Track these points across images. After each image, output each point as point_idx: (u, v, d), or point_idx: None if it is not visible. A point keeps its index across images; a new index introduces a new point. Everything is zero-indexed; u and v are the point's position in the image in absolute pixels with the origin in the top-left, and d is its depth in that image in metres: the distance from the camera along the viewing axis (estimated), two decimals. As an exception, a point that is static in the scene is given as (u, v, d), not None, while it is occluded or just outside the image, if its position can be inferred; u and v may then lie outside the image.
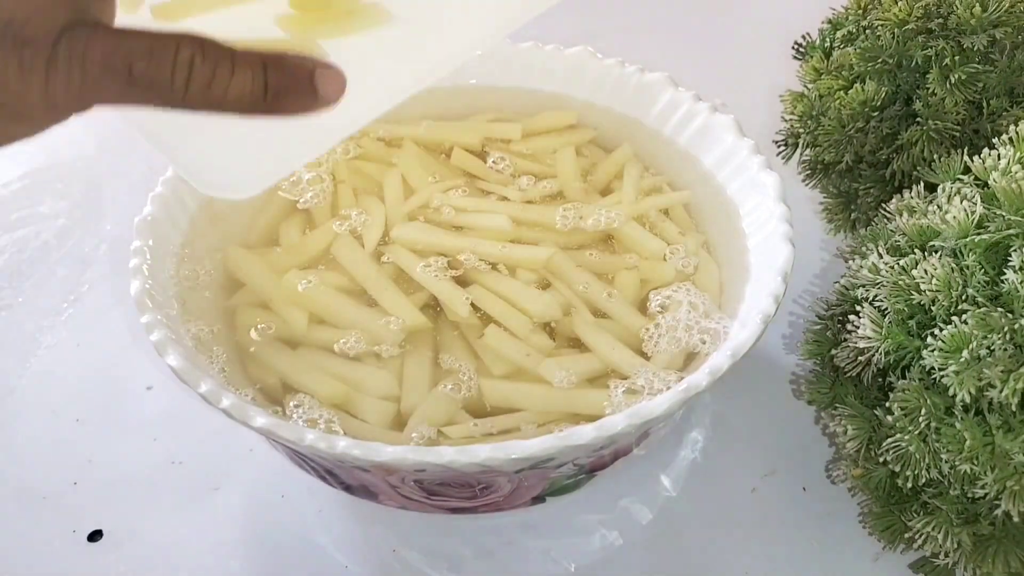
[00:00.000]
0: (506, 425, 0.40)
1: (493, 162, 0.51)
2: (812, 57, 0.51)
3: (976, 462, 0.34)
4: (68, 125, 0.27)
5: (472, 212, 0.48)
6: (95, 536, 0.44)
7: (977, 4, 0.44)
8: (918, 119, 0.46)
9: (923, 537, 0.37)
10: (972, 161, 0.39)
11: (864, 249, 0.41)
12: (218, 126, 0.29)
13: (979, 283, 0.35)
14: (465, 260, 0.45)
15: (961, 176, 0.39)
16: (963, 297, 0.35)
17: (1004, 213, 0.35)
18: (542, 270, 0.45)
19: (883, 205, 0.42)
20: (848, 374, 0.40)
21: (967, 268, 0.36)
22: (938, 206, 0.38)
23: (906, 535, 0.38)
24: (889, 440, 0.36)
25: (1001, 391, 0.32)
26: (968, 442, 0.33)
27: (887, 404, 0.37)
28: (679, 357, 0.42)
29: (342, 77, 0.27)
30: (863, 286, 0.39)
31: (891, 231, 0.41)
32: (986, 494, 0.34)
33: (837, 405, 0.40)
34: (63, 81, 0.24)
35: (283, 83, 0.27)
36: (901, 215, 0.40)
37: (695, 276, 0.46)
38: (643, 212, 0.48)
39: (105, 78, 0.24)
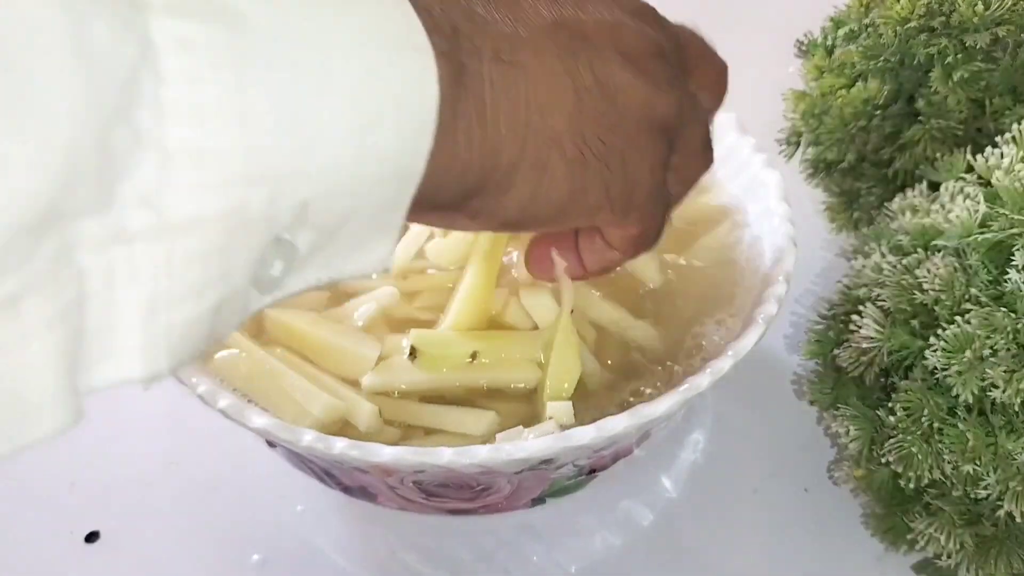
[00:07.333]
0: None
1: None
2: (814, 55, 0.51)
3: (979, 463, 0.33)
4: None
5: None
6: (92, 537, 0.44)
7: (980, 2, 0.44)
8: (920, 117, 0.46)
9: (926, 538, 0.37)
10: (975, 160, 0.38)
11: (867, 248, 0.41)
12: None
13: (982, 283, 0.35)
14: None
15: (964, 175, 0.39)
16: (966, 297, 0.35)
17: (1007, 212, 0.35)
18: None
19: (886, 204, 0.42)
20: (850, 374, 0.40)
21: (970, 267, 0.35)
22: (941, 205, 0.38)
23: (908, 536, 0.38)
24: (891, 441, 0.36)
25: (1004, 391, 0.32)
26: (971, 443, 0.33)
27: (889, 404, 0.37)
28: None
29: None
30: (866, 285, 0.39)
31: (894, 230, 0.40)
32: (989, 495, 0.34)
33: (839, 405, 0.40)
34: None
35: None
36: (904, 214, 0.40)
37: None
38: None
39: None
